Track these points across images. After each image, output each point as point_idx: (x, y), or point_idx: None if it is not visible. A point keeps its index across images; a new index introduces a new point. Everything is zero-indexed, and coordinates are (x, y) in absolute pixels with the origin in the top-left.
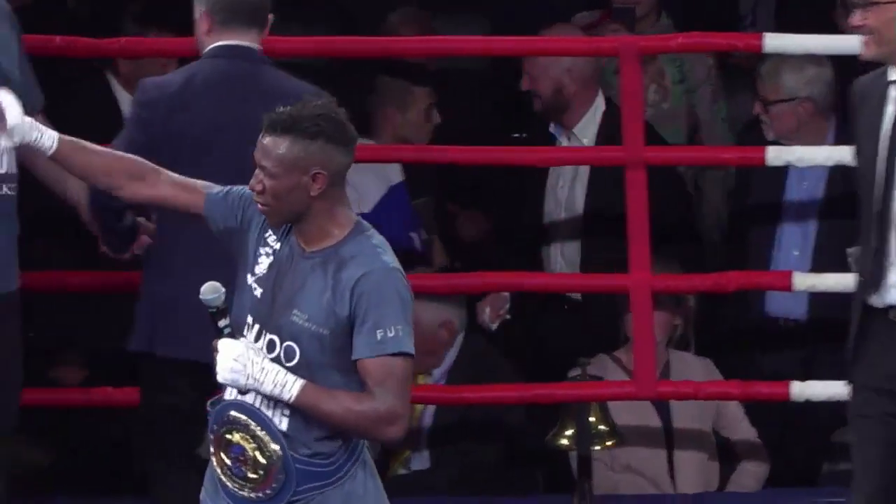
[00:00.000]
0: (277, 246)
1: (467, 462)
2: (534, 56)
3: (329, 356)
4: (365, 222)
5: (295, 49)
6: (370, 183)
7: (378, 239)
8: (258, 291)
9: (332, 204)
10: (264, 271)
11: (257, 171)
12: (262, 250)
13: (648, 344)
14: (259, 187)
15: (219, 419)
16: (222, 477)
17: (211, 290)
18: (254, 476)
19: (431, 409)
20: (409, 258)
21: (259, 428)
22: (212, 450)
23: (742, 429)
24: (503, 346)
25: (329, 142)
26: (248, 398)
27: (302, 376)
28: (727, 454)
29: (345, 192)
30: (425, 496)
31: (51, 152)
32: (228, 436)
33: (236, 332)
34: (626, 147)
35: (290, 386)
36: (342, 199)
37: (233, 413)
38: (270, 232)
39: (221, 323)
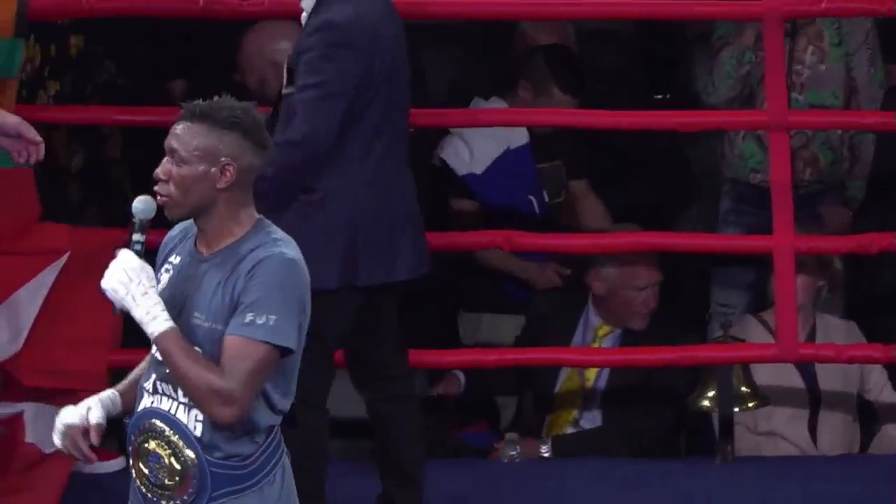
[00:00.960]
0: (176, 260)
1: (629, 423)
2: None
3: None
4: (266, 220)
5: (444, 11)
6: (486, 144)
7: (280, 234)
8: None
9: (237, 203)
10: (164, 285)
11: (165, 158)
12: (162, 270)
13: (791, 305)
14: (164, 175)
15: (136, 429)
16: (142, 487)
17: (143, 202)
18: (170, 483)
19: (606, 371)
20: (526, 220)
21: (174, 433)
22: (131, 462)
23: (885, 392)
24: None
25: (244, 137)
26: (164, 405)
27: None
28: (868, 417)
29: (251, 196)
30: (585, 456)
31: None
32: (146, 444)
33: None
34: (769, 111)
35: (160, 323)
36: (247, 201)
37: (149, 421)
38: (174, 254)
39: (136, 237)
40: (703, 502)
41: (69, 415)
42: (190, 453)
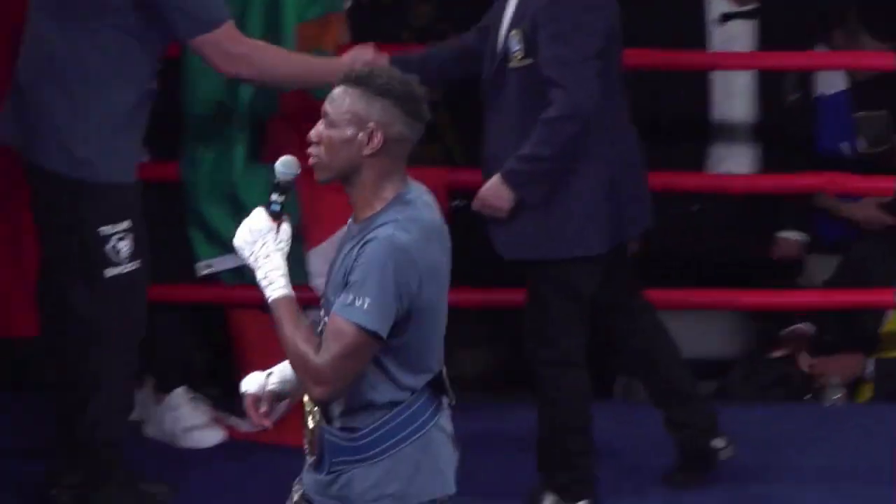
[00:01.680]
0: (348, 224)
1: None
2: None
3: None
4: (410, 195)
5: None
6: None
7: (408, 212)
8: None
9: (383, 174)
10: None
11: (319, 121)
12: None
13: None
14: (316, 138)
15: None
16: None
17: (284, 164)
18: (308, 443)
19: None
20: (840, 164)
21: None
22: None
23: None
24: None
25: (395, 105)
26: None
27: None
28: None
29: (401, 168)
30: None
31: None
32: (303, 403)
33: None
34: None
35: (276, 288)
36: (393, 172)
37: None
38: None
39: (274, 196)
40: None
41: (249, 382)
42: (318, 418)
